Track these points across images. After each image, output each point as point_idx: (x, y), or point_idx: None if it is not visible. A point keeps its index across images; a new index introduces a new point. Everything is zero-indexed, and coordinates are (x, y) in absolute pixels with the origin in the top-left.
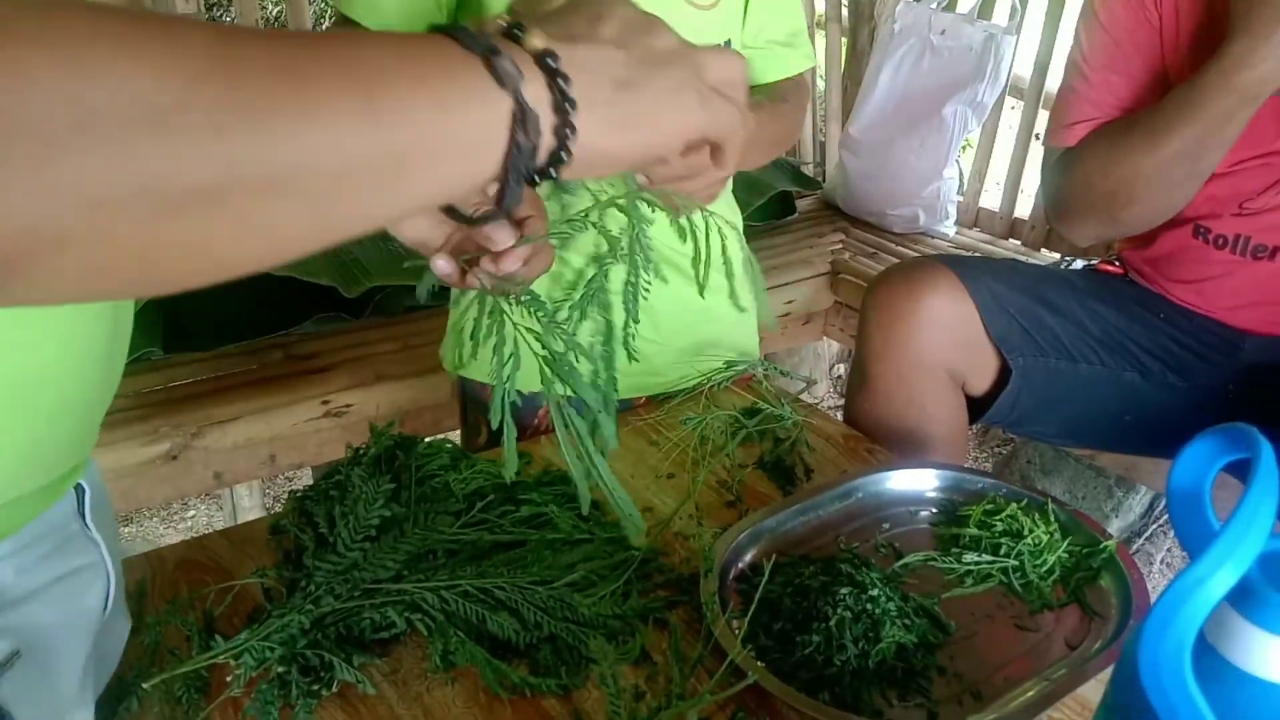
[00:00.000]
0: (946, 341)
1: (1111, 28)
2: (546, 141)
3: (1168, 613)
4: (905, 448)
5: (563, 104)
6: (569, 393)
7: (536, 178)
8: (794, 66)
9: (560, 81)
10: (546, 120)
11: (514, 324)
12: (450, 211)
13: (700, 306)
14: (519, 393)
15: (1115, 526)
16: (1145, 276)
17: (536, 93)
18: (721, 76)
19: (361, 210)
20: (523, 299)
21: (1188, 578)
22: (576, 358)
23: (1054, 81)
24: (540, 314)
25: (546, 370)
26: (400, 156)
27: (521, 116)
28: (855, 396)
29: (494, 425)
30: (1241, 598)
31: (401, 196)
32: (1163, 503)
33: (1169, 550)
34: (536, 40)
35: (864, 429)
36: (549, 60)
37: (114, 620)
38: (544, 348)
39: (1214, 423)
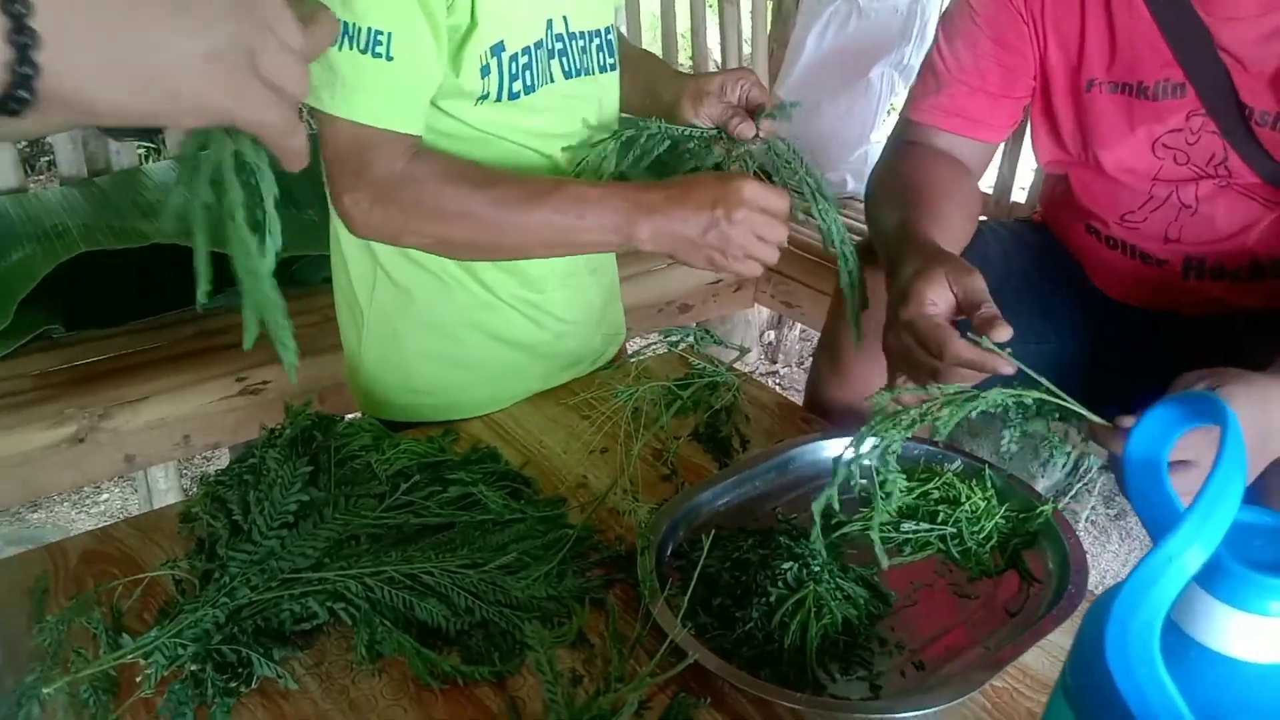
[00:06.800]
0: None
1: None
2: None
3: (1136, 594)
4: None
5: (18, 37)
6: None
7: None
8: None
9: (17, 6)
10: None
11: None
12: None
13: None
14: None
15: (1042, 486)
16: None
17: None
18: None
19: None
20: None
21: (1157, 557)
22: None
23: None
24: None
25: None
26: None
27: None
28: (825, 380)
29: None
30: (1207, 574)
31: None
32: (1087, 461)
33: (1093, 508)
34: None
35: (833, 412)
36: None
37: None
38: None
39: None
